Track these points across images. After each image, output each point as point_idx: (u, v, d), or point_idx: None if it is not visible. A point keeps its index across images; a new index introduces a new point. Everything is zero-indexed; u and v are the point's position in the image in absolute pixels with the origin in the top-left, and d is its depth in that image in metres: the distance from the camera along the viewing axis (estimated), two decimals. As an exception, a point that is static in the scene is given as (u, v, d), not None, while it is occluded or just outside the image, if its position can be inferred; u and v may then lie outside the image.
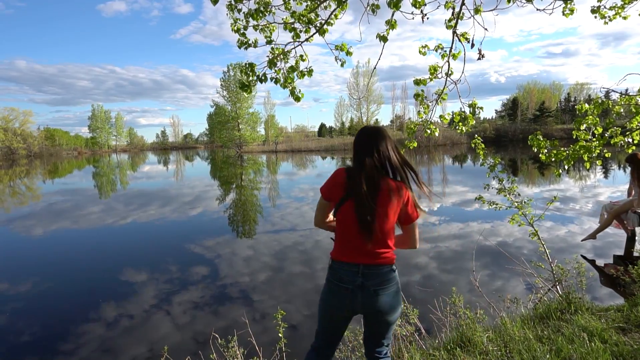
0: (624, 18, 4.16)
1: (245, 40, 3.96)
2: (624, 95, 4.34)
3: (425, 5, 3.66)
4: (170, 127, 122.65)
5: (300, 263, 7.16)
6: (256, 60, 3.89)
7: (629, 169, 6.72)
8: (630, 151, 4.12)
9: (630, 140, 3.97)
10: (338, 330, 2.28)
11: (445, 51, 3.78)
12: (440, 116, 4.21)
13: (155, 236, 10.11)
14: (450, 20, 3.73)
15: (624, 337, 2.95)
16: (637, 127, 4.01)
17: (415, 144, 4.23)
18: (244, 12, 3.82)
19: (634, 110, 3.90)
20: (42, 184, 25.94)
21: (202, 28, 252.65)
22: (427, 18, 3.77)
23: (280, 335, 3.13)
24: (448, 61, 3.80)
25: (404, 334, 3.15)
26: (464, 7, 3.65)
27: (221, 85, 55.82)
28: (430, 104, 3.99)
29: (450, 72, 3.87)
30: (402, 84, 72.55)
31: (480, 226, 9.27)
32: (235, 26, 3.92)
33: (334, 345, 2.34)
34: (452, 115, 4.05)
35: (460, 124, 3.96)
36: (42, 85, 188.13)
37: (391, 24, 3.68)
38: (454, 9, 3.69)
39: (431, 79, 3.88)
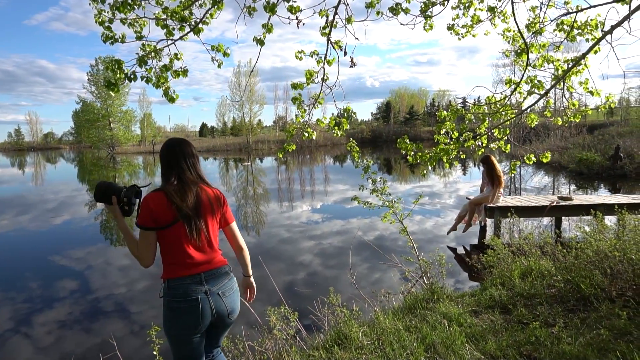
0: (474, 36, 4.73)
1: (112, 34, 3.63)
2: (474, 104, 4.94)
3: (301, 11, 3.72)
4: (26, 125, 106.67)
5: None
6: (131, 55, 3.58)
7: (482, 168, 7.70)
8: (480, 153, 4.69)
9: (479, 143, 4.53)
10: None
11: (321, 57, 3.89)
12: (318, 120, 4.33)
13: (10, 249, 8.85)
14: (324, 28, 3.85)
15: (476, 319, 3.37)
16: (485, 132, 4.60)
17: (294, 147, 4.30)
18: (109, 3, 3.49)
19: (481, 117, 4.45)
20: None
21: (64, 15, 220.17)
22: (303, 24, 3.85)
23: (155, 353, 2.91)
24: (323, 67, 3.92)
25: (284, 337, 3.19)
26: (337, 16, 3.80)
27: (89, 79, 50.30)
28: (307, 108, 4.08)
29: (326, 78, 3.99)
30: (284, 85, 73.86)
31: (360, 222, 9.80)
32: (99, 18, 3.56)
33: None
34: (328, 120, 4.19)
35: (336, 127, 4.12)
36: None
37: (267, 28, 3.67)
38: (327, 16, 3.82)
39: (308, 84, 3.96)
